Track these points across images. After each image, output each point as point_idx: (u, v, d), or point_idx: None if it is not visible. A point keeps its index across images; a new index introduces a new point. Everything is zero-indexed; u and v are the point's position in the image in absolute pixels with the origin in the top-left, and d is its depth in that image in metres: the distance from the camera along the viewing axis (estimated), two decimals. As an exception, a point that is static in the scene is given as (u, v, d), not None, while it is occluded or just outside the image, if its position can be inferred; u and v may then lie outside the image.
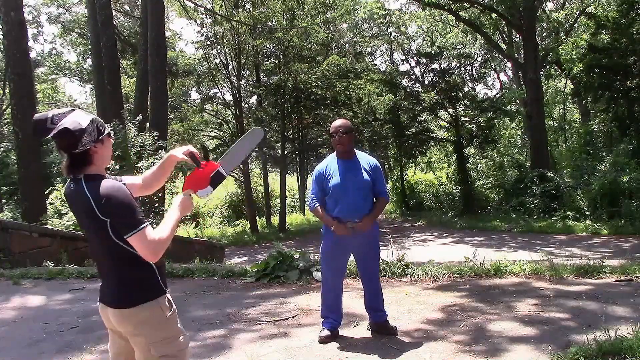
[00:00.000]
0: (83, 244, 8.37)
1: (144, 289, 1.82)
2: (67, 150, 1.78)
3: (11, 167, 16.77)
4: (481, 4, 19.16)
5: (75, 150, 1.77)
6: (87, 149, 1.79)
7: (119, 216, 1.73)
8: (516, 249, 10.45)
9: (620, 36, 16.03)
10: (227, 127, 23.93)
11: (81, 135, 1.76)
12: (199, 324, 4.18)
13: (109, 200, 1.72)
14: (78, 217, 1.88)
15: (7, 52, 11.70)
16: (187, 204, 1.94)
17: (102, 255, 1.85)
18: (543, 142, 18.45)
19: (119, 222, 1.73)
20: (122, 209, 1.73)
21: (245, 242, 18.28)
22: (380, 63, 29.54)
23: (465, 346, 3.37)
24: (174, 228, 1.83)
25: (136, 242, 1.73)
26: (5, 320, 4.60)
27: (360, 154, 3.67)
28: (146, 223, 1.76)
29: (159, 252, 1.77)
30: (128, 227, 1.72)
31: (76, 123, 1.76)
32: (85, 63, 26.53)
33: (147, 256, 1.76)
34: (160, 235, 1.77)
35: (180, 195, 1.99)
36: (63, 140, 1.76)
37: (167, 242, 1.79)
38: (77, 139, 1.75)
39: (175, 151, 2.05)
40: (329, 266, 3.65)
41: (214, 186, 2.06)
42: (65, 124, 1.74)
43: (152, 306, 1.81)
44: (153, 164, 10.48)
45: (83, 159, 1.80)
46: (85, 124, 1.77)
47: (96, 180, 1.77)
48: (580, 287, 4.75)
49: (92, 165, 1.82)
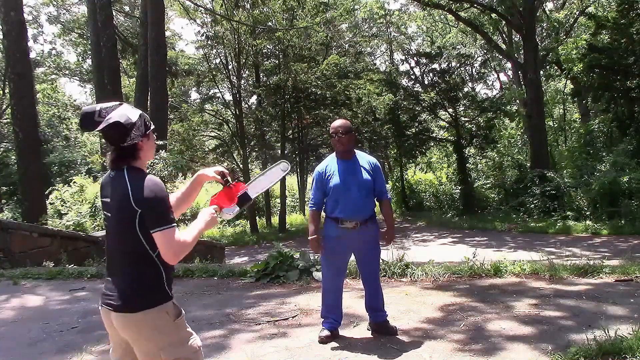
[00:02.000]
0: (83, 244, 8.38)
1: (150, 294, 1.80)
2: (116, 144, 1.80)
3: (11, 167, 16.80)
4: (481, 4, 19.16)
5: (124, 143, 1.79)
6: (135, 143, 1.81)
7: (152, 209, 1.74)
8: (516, 249, 10.45)
9: (620, 36, 16.02)
10: (227, 127, 23.93)
11: (131, 129, 1.78)
12: (199, 324, 4.18)
13: (148, 191, 1.74)
14: (109, 206, 1.86)
15: (7, 52, 11.71)
16: (213, 218, 1.96)
17: (119, 251, 1.84)
18: (543, 142, 18.44)
19: (150, 215, 1.74)
20: (157, 202, 1.75)
21: (245, 242, 18.27)
22: (380, 63, 29.56)
23: (465, 346, 3.37)
24: (197, 237, 1.84)
25: (161, 239, 1.73)
26: (5, 320, 4.60)
27: (360, 154, 3.67)
28: (175, 224, 1.77)
29: (180, 255, 1.77)
30: (158, 222, 1.73)
31: (127, 117, 1.78)
32: (85, 63, 26.56)
33: (168, 256, 1.75)
34: (184, 238, 1.78)
35: (208, 208, 2.00)
36: (113, 133, 1.78)
37: (189, 247, 1.80)
38: (127, 132, 1.77)
39: (206, 170, 2.10)
40: (329, 266, 3.65)
41: (240, 206, 2.13)
42: (115, 117, 1.76)
43: (157, 312, 1.79)
44: (153, 164, 10.50)
45: (130, 152, 1.82)
46: (135, 118, 1.80)
47: (139, 173, 1.81)
48: (580, 287, 4.75)
49: (137, 160, 1.85)
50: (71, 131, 27.28)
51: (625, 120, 16.73)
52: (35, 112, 13.32)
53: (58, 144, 21.54)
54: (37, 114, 14.99)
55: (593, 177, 14.31)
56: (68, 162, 19.91)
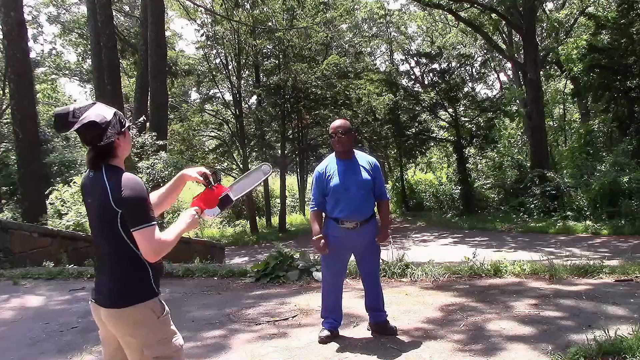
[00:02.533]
0: (83, 244, 8.37)
1: (136, 290, 1.82)
2: (92, 143, 1.81)
3: (11, 167, 16.79)
4: (481, 4, 19.15)
5: (100, 142, 1.79)
6: (112, 142, 1.82)
7: (132, 208, 1.75)
8: (516, 249, 10.45)
9: (620, 36, 16.02)
10: (227, 127, 23.92)
11: (107, 127, 1.79)
12: (199, 324, 4.18)
13: (126, 190, 1.74)
14: (91, 207, 1.87)
15: (7, 52, 11.71)
16: (194, 219, 1.97)
17: (105, 250, 1.85)
18: (543, 142, 18.44)
19: (130, 214, 1.75)
20: (136, 201, 1.75)
21: (245, 242, 18.28)
22: (380, 63, 29.57)
23: (465, 346, 3.37)
24: (177, 237, 1.85)
25: (141, 237, 1.74)
26: (5, 320, 4.60)
27: (359, 154, 3.67)
28: (155, 222, 1.78)
29: (160, 253, 1.79)
30: (137, 220, 1.74)
31: (101, 116, 1.79)
32: (85, 63, 26.53)
33: (148, 254, 1.76)
34: (165, 238, 1.79)
35: (189, 210, 2.01)
36: (89, 133, 1.78)
37: (169, 246, 1.81)
38: (103, 131, 1.78)
39: (188, 171, 2.10)
40: (329, 266, 3.65)
41: (221, 208, 2.12)
42: (91, 117, 1.77)
43: (143, 308, 1.81)
44: (153, 164, 10.51)
45: (107, 151, 1.83)
46: (109, 117, 1.81)
47: (117, 171, 1.80)
48: (580, 287, 4.75)
49: (114, 158, 1.85)
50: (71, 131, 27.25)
51: (625, 120, 16.74)
52: (35, 112, 13.32)
53: (58, 144, 21.52)
54: (37, 114, 14.97)
55: (593, 177, 14.31)
56: (68, 162, 19.89)
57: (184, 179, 2.11)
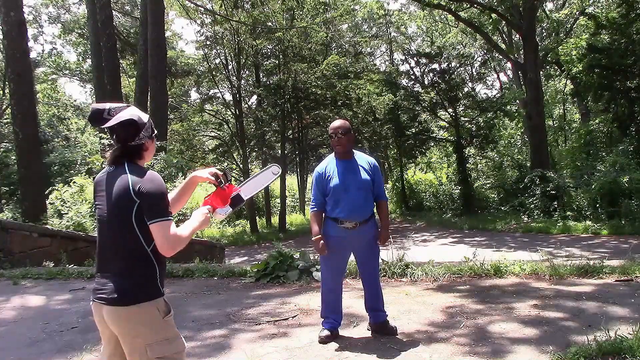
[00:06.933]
0: (83, 244, 8.37)
1: (144, 288, 1.81)
2: (124, 142, 1.85)
3: (11, 167, 16.77)
4: (481, 4, 19.14)
5: (132, 142, 1.85)
6: (142, 143, 1.88)
7: (151, 201, 1.77)
8: (516, 249, 10.44)
9: (620, 36, 16.03)
10: (227, 127, 23.93)
11: (141, 128, 1.86)
12: (199, 324, 4.18)
13: (147, 183, 1.78)
14: (106, 199, 1.87)
15: (7, 52, 11.69)
16: (206, 218, 1.99)
17: (113, 246, 1.84)
18: (543, 142, 18.43)
19: (149, 207, 1.77)
20: (156, 195, 1.79)
21: (245, 242, 18.28)
22: (380, 63, 29.56)
23: (465, 346, 3.37)
24: (191, 234, 1.88)
25: (158, 230, 1.76)
26: (5, 320, 4.60)
27: (359, 154, 3.68)
28: (171, 218, 1.80)
29: (176, 248, 1.80)
30: (156, 213, 1.77)
31: (139, 117, 1.86)
32: (85, 63, 26.55)
33: (164, 248, 1.78)
34: (181, 233, 1.82)
35: (202, 208, 2.04)
36: (124, 131, 1.84)
37: (184, 242, 1.83)
38: (137, 131, 1.85)
39: (199, 172, 2.14)
40: (329, 266, 3.65)
41: (233, 207, 2.16)
42: (128, 116, 1.83)
43: (150, 306, 1.80)
44: (153, 164, 10.50)
45: (135, 151, 1.88)
46: (145, 119, 1.88)
47: (139, 167, 1.86)
48: (580, 287, 4.75)
49: (140, 159, 1.91)
50: (71, 131, 27.23)
51: (625, 120, 16.74)
52: (35, 112, 13.30)
53: (58, 144, 21.49)
54: (37, 114, 14.97)
55: (593, 177, 14.30)
56: (68, 162, 19.85)
57: (195, 181, 2.14)
